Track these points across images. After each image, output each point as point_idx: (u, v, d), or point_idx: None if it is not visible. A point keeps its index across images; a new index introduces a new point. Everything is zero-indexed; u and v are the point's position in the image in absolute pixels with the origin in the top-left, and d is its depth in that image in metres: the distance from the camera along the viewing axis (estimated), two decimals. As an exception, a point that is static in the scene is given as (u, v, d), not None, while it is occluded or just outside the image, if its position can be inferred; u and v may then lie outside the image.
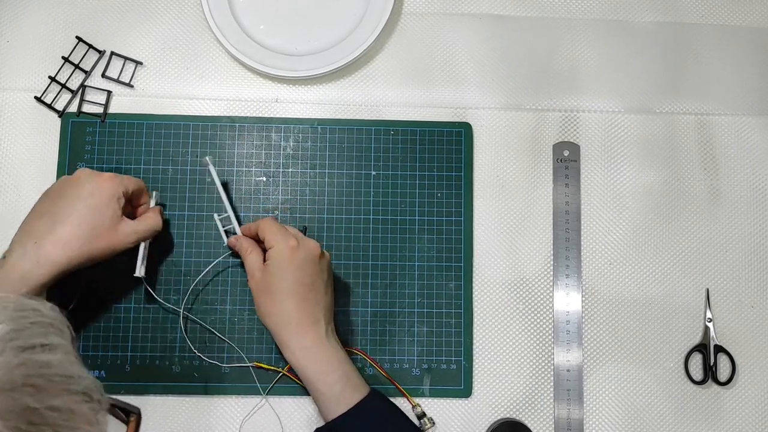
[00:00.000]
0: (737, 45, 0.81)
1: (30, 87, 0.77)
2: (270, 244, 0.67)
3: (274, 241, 0.66)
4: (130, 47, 0.79)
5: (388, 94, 0.79)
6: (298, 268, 0.66)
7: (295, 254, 0.66)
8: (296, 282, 0.65)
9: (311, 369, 0.65)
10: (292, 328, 0.65)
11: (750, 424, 0.74)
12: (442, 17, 0.81)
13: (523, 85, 0.80)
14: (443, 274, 0.75)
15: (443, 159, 0.77)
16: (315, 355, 0.65)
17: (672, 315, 0.76)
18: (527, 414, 0.73)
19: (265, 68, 0.76)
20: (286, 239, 0.66)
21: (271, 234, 0.67)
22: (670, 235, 0.77)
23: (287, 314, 0.65)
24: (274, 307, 0.66)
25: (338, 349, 0.67)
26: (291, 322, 0.65)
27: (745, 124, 0.80)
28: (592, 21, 0.81)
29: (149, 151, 0.76)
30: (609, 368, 0.75)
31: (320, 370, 0.65)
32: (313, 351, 0.65)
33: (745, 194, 0.78)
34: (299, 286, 0.65)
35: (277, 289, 0.65)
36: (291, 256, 0.65)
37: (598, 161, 0.78)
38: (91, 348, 0.72)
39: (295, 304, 0.65)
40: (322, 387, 0.64)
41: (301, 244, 0.66)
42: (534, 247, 0.77)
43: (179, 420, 0.72)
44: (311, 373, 0.65)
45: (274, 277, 0.65)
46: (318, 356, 0.65)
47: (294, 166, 0.77)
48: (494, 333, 0.75)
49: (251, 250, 0.68)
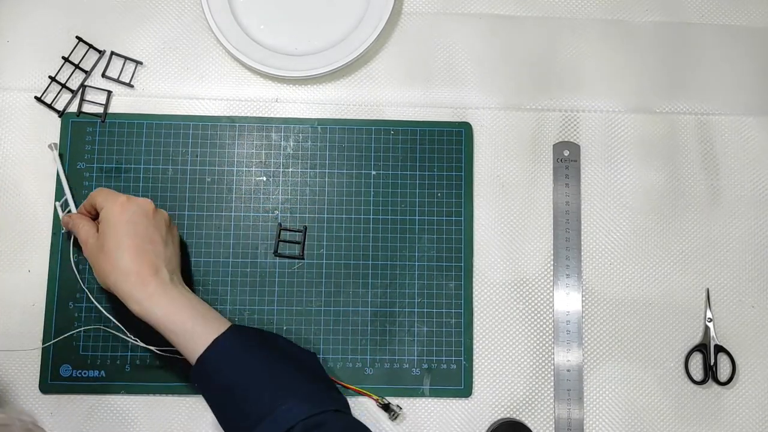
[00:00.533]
0: (738, 45, 0.81)
1: (30, 87, 0.77)
2: (101, 206, 0.67)
3: (104, 202, 0.67)
4: (131, 47, 0.79)
5: (389, 94, 0.79)
6: (131, 222, 0.65)
7: (125, 208, 0.66)
8: (130, 235, 0.64)
9: (159, 313, 0.62)
10: (132, 280, 0.63)
11: (750, 424, 0.74)
12: (443, 17, 0.81)
13: (523, 84, 0.80)
14: (443, 274, 0.75)
15: (443, 159, 0.77)
16: (161, 298, 0.63)
17: (672, 315, 0.76)
18: (527, 414, 0.73)
19: (265, 68, 0.76)
20: (115, 198, 0.67)
21: (101, 198, 0.67)
22: (670, 235, 0.77)
23: (125, 267, 0.63)
24: (110, 264, 0.64)
25: (186, 291, 0.66)
26: (130, 275, 0.63)
27: (745, 124, 0.80)
28: (592, 21, 0.81)
29: (149, 151, 0.76)
30: (609, 368, 0.75)
31: (168, 312, 0.63)
32: (158, 296, 0.63)
33: (746, 194, 0.78)
34: (134, 238, 0.64)
35: (113, 246, 0.64)
36: (121, 210, 0.65)
37: (599, 161, 0.78)
38: (91, 348, 0.72)
39: (132, 256, 0.64)
40: (174, 327, 0.62)
41: (130, 199, 0.67)
42: (534, 247, 0.77)
43: (179, 420, 0.72)
44: (160, 316, 0.62)
45: (107, 235, 0.65)
46: (164, 299, 0.63)
47: (294, 166, 0.77)
48: (494, 333, 0.75)
49: (83, 223, 0.68)
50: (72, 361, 0.72)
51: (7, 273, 0.74)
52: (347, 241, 0.75)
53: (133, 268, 0.63)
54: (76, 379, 0.72)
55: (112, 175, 0.76)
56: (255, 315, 0.74)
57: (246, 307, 0.74)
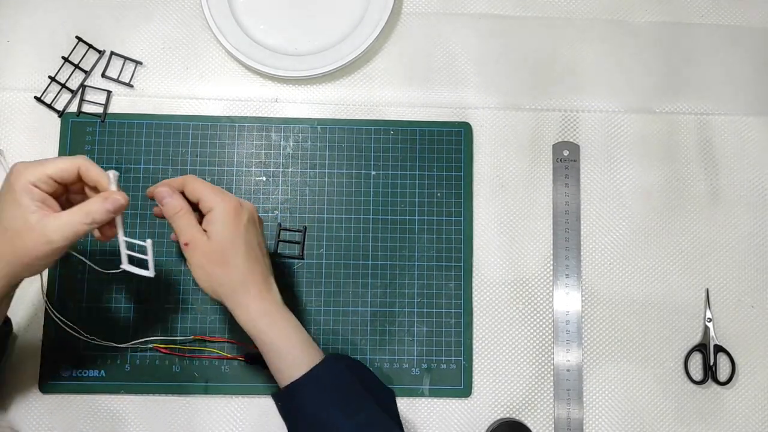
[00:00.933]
0: (737, 45, 0.81)
1: (30, 87, 0.77)
2: (210, 204, 0.60)
3: (213, 201, 0.60)
4: (130, 47, 0.79)
5: (388, 94, 0.79)
6: (246, 229, 0.61)
7: (240, 213, 0.61)
8: (250, 245, 0.61)
9: (272, 333, 0.61)
10: (251, 294, 0.61)
11: (750, 423, 0.74)
12: (442, 17, 0.81)
13: (522, 84, 0.80)
14: (443, 274, 0.75)
15: (443, 159, 0.77)
16: (275, 317, 0.62)
17: (672, 315, 0.76)
18: (527, 414, 0.73)
19: (264, 68, 0.76)
20: (228, 199, 0.61)
21: (210, 194, 0.61)
22: (669, 235, 0.77)
23: (243, 280, 0.60)
24: (228, 274, 0.60)
25: (292, 314, 0.64)
26: (249, 288, 0.61)
27: (744, 124, 0.80)
28: (592, 21, 0.81)
29: (149, 150, 0.76)
30: (609, 368, 0.75)
31: (281, 335, 0.61)
32: (273, 315, 0.61)
33: (745, 194, 0.78)
34: (251, 248, 0.61)
35: (232, 254, 0.60)
36: (237, 215, 0.60)
37: (598, 161, 0.79)
38: (91, 347, 0.72)
39: (250, 267, 0.61)
40: (281, 349, 0.61)
41: (242, 203, 0.62)
42: (534, 247, 0.77)
43: (179, 420, 0.72)
44: (272, 336, 0.61)
45: (226, 241, 0.60)
46: (278, 320, 0.62)
47: (294, 165, 0.77)
48: (494, 333, 0.75)
49: (189, 220, 0.60)
50: (72, 360, 0.72)
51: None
52: (347, 241, 0.75)
53: (250, 280, 0.61)
54: (76, 378, 0.72)
55: (112, 175, 0.76)
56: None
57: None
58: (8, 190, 0.55)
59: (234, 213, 0.60)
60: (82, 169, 0.57)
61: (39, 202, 0.55)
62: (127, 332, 0.73)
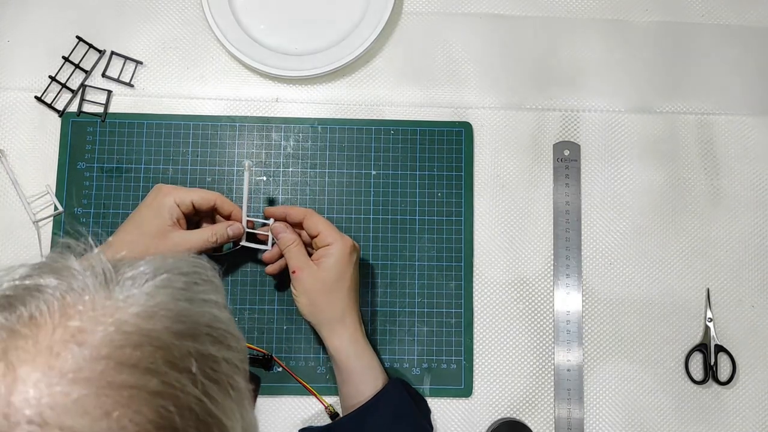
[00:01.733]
0: (738, 45, 0.81)
1: (30, 86, 0.77)
2: (327, 240, 0.67)
3: (332, 238, 0.67)
4: (131, 47, 0.79)
5: (389, 94, 0.79)
6: (355, 268, 0.68)
7: (353, 255, 0.68)
8: (353, 281, 0.68)
9: (356, 362, 0.67)
10: (346, 324, 0.67)
11: (750, 423, 0.74)
12: (443, 17, 0.81)
13: (523, 84, 0.80)
14: (444, 274, 0.75)
15: (443, 158, 0.77)
16: (360, 348, 0.68)
17: (672, 315, 0.76)
18: (527, 414, 0.73)
19: (265, 68, 0.76)
20: (344, 238, 0.67)
21: (329, 231, 0.67)
22: (670, 235, 0.77)
23: (343, 311, 0.67)
24: (331, 304, 0.67)
25: (369, 345, 0.70)
26: (346, 319, 0.67)
27: (745, 124, 0.80)
28: (592, 20, 0.81)
29: (149, 150, 0.76)
30: (609, 368, 0.75)
31: (364, 364, 0.67)
32: (360, 345, 0.68)
33: (746, 194, 0.78)
34: (354, 285, 0.68)
35: (338, 287, 0.66)
36: (351, 256, 0.67)
37: (599, 161, 0.78)
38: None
39: (351, 302, 0.68)
40: (360, 378, 0.67)
41: (355, 245, 0.68)
42: (534, 247, 0.77)
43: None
44: (358, 366, 0.67)
45: (337, 275, 0.66)
46: (362, 350, 0.68)
47: (294, 165, 0.77)
48: (495, 332, 0.75)
49: (300, 253, 0.68)
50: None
51: (7, 273, 0.74)
52: (347, 241, 0.75)
53: (348, 312, 0.67)
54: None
55: (112, 174, 0.76)
56: (255, 315, 0.74)
57: (246, 307, 0.74)
58: (155, 204, 0.67)
59: (349, 252, 0.67)
60: (218, 202, 0.69)
61: (175, 218, 0.66)
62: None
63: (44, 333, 0.31)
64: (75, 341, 0.31)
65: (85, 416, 0.29)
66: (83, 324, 0.31)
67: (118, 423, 0.29)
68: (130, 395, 0.30)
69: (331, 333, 0.67)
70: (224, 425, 0.33)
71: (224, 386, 0.34)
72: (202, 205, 0.68)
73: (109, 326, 0.32)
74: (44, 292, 0.32)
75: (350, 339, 0.67)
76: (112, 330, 0.32)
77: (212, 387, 0.33)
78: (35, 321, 0.31)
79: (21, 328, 0.31)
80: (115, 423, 0.29)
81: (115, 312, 0.32)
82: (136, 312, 0.33)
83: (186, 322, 0.34)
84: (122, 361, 0.31)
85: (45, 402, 0.29)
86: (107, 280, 0.34)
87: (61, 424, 0.29)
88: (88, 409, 0.29)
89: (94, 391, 0.30)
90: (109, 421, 0.29)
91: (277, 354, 0.73)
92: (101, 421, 0.29)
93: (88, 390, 0.30)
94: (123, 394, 0.30)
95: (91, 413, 0.29)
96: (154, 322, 0.33)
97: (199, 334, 0.34)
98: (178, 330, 0.33)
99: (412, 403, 0.67)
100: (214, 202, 0.69)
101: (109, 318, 0.32)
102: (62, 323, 0.31)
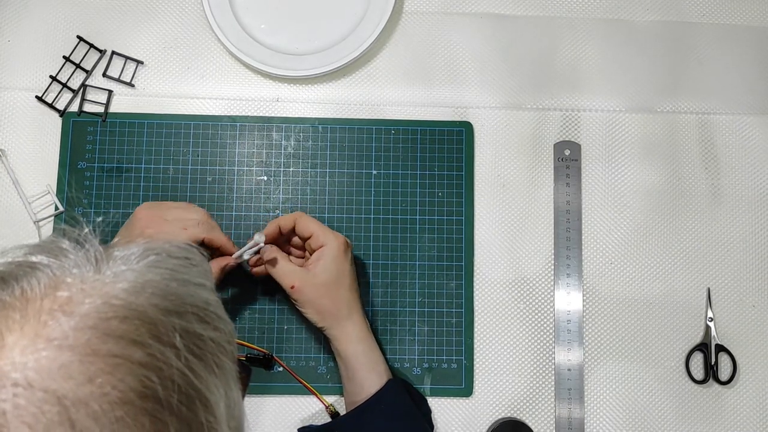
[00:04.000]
0: (738, 44, 0.81)
1: (31, 86, 0.77)
2: (320, 240, 0.66)
3: (325, 238, 0.66)
4: (131, 47, 0.79)
5: (389, 94, 0.79)
6: (351, 263, 0.68)
7: (347, 252, 0.67)
8: (352, 277, 0.68)
9: (365, 359, 0.67)
10: (354, 320, 0.67)
11: (751, 423, 0.74)
12: (443, 16, 0.81)
13: (524, 84, 0.80)
14: (444, 274, 0.75)
15: (444, 158, 0.77)
16: (368, 345, 0.68)
17: (673, 314, 0.76)
18: (528, 413, 0.73)
19: (266, 67, 0.76)
20: (336, 236, 0.67)
21: (320, 231, 0.67)
22: (671, 235, 0.77)
23: (349, 308, 0.67)
24: (337, 304, 0.66)
25: (375, 341, 0.70)
26: (353, 315, 0.67)
27: (746, 123, 0.80)
28: (593, 20, 0.81)
29: (150, 150, 0.76)
30: (610, 367, 0.75)
31: (370, 360, 0.67)
32: (368, 342, 0.68)
33: (747, 193, 0.78)
34: (354, 280, 0.68)
35: (340, 285, 0.66)
36: (345, 254, 0.67)
37: (599, 160, 0.78)
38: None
39: (354, 298, 0.68)
40: (365, 375, 0.66)
41: (347, 242, 0.68)
42: (535, 247, 0.77)
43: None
44: (365, 363, 0.67)
45: (336, 274, 0.66)
46: (370, 347, 0.68)
47: (295, 165, 0.77)
48: (495, 332, 0.75)
49: (290, 269, 0.67)
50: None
51: (8, 272, 0.74)
52: (348, 241, 0.75)
53: (354, 309, 0.67)
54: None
55: (113, 174, 0.76)
56: (256, 314, 0.74)
57: (247, 306, 0.74)
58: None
59: (343, 249, 0.67)
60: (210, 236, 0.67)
61: None
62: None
63: (33, 304, 0.32)
64: (62, 311, 0.32)
65: (69, 380, 0.30)
66: (71, 295, 0.32)
67: (101, 389, 0.30)
68: (114, 364, 0.31)
69: (340, 333, 0.67)
70: (207, 399, 0.34)
71: (209, 363, 0.35)
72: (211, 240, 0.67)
73: (97, 299, 0.33)
74: (36, 269, 0.33)
75: (358, 336, 0.67)
76: (99, 302, 0.32)
77: (196, 363, 0.34)
78: (25, 294, 0.32)
79: (12, 300, 0.32)
80: (98, 389, 0.30)
81: (104, 287, 0.33)
82: (125, 288, 0.34)
83: (173, 301, 0.35)
84: (108, 332, 0.32)
85: (31, 366, 0.30)
86: (98, 260, 0.35)
87: (45, 387, 0.29)
88: (73, 374, 0.30)
89: (78, 358, 0.30)
90: (93, 387, 0.30)
91: (278, 354, 0.73)
92: (85, 386, 0.30)
93: (73, 356, 0.30)
94: (108, 362, 0.31)
95: (76, 378, 0.30)
96: (141, 298, 0.34)
97: (185, 312, 0.35)
98: (165, 307, 0.34)
99: (411, 403, 0.67)
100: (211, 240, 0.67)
101: (98, 291, 0.33)
102: (50, 294, 0.32)
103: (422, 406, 0.71)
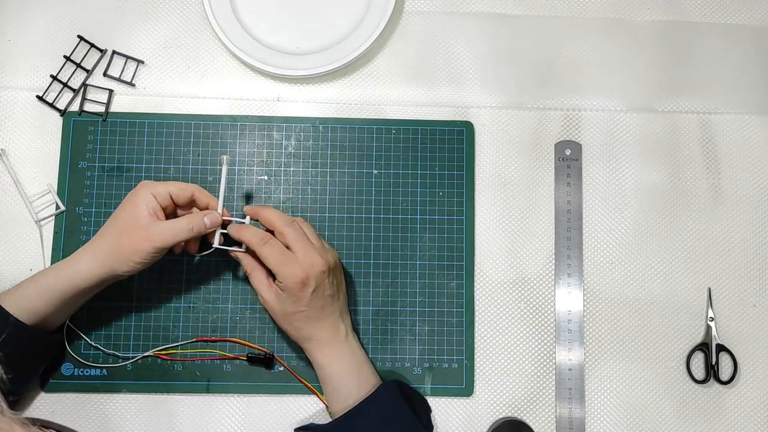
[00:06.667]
0: (739, 43, 0.81)
1: (32, 86, 0.77)
2: (276, 270, 0.65)
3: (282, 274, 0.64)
4: (132, 46, 0.79)
5: (390, 93, 0.79)
6: (312, 297, 0.65)
7: (306, 288, 0.65)
8: (311, 305, 0.66)
9: (334, 369, 0.67)
10: (314, 344, 0.68)
11: (751, 423, 0.74)
12: (444, 16, 0.81)
13: (524, 83, 0.80)
14: (445, 273, 0.75)
15: (445, 158, 0.77)
16: (337, 356, 0.68)
17: (674, 314, 0.76)
18: (529, 413, 0.73)
19: (266, 67, 0.76)
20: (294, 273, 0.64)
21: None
22: (672, 234, 0.77)
23: (308, 336, 0.67)
24: (293, 332, 0.68)
25: (356, 348, 0.69)
26: (312, 341, 0.67)
27: (747, 123, 0.79)
28: (593, 20, 0.81)
29: (151, 150, 0.76)
30: (611, 367, 0.75)
31: (341, 369, 0.67)
32: (337, 354, 0.68)
33: (748, 193, 0.78)
34: (315, 308, 0.66)
35: (294, 319, 0.66)
36: (302, 290, 0.65)
37: (600, 160, 0.78)
38: (93, 347, 0.72)
39: (314, 325, 0.67)
40: (337, 385, 0.67)
41: (308, 277, 0.64)
42: (536, 246, 0.77)
43: (180, 418, 0.72)
44: (334, 372, 0.67)
45: (288, 311, 0.66)
46: (342, 356, 0.68)
47: (295, 165, 0.77)
48: (496, 332, 0.75)
49: (253, 269, 0.68)
50: (74, 359, 0.72)
51: (8, 271, 0.74)
52: (348, 240, 0.75)
53: (314, 334, 0.67)
54: (78, 377, 0.72)
55: (114, 174, 0.76)
56: (257, 314, 0.74)
57: (247, 306, 0.74)
58: (132, 197, 0.66)
59: (299, 287, 0.65)
60: (196, 193, 0.68)
61: (152, 210, 0.65)
62: (129, 332, 0.73)
63: None
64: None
65: None
66: None
67: None
68: None
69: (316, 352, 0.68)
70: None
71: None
72: (180, 195, 0.67)
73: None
74: None
75: (324, 354, 0.67)
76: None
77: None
78: None
79: None
80: None
81: None
82: None
83: None
84: None
85: None
86: None
87: None
88: None
89: None
90: None
91: (278, 353, 0.73)
92: None
93: None
94: None
95: None
96: None
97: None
98: None
99: (405, 405, 0.66)
100: (191, 193, 0.68)
101: None
102: None
103: (421, 406, 0.70)
